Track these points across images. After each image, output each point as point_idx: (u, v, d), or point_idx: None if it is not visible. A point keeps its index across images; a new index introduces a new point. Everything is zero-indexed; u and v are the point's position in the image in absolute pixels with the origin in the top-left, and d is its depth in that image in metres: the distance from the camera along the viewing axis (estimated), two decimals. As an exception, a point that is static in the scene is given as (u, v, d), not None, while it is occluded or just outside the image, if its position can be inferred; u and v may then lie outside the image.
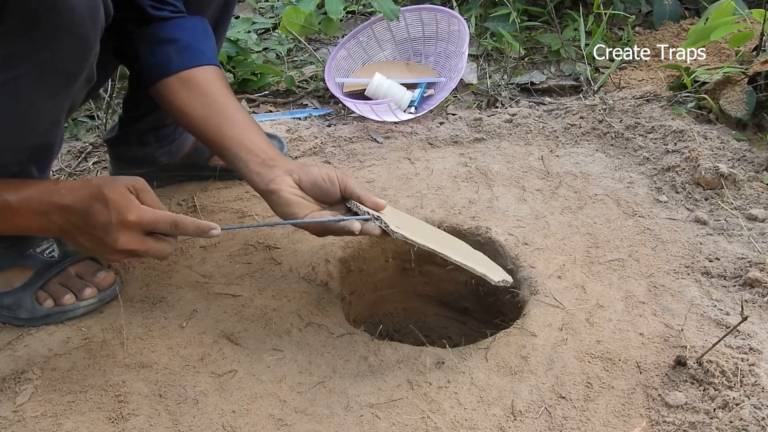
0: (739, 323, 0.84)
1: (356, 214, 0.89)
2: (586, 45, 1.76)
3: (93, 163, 1.40)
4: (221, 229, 0.82)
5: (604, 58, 1.76)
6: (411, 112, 1.55)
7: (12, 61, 0.70)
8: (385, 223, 0.85)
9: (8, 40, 0.68)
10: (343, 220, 0.86)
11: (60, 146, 0.90)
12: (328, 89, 1.62)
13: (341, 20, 1.98)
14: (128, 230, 0.77)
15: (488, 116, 1.53)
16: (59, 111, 0.82)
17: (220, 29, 1.12)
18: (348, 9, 2.12)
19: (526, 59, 1.81)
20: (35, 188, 0.77)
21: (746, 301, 0.98)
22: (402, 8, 1.68)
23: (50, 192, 0.77)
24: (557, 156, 1.38)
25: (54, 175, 1.33)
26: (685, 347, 0.89)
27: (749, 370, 0.84)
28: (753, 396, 0.81)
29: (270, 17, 2.18)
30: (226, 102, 0.95)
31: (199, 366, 0.90)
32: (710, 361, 0.85)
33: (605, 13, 1.78)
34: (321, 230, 0.89)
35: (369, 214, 0.86)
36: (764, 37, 1.54)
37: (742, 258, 1.06)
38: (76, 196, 0.77)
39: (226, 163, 0.94)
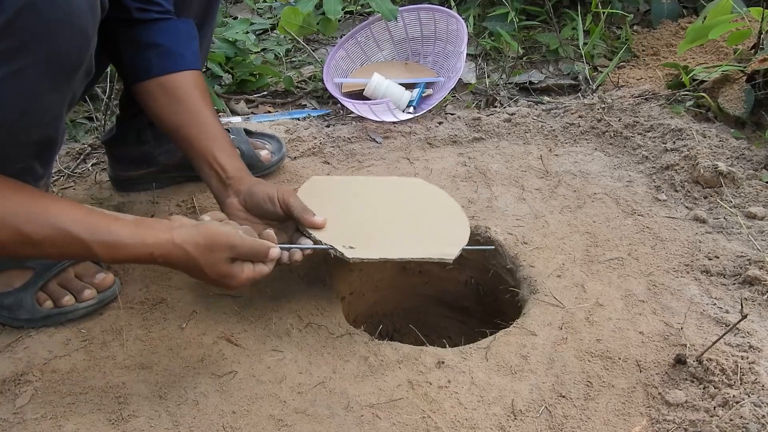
0: (739, 321, 0.84)
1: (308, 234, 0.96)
2: (585, 44, 1.76)
3: (92, 165, 1.39)
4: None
5: (602, 57, 1.77)
6: (410, 112, 1.55)
7: (14, 54, 0.70)
8: (340, 252, 0.92)
9: (9, 33, 0.68)
10: (300, 248, 0.93)
11: (62, 140, 0.90)
12: (326, 89, 1.62)
13: (339, 21, 1.98)
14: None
15: (487, 116, 1.53)
16: (61, 104, 0.82)
17: (204, 28, 1.12)
18: (346, 9, 2.11)
19: (524, 58, 1.81)
20: (130, 256, 0.78)
21: (746, 299, 0.98)
22: (400, 8, 1.68)
23: (147, 260, 0.79)
24: (556, 155, 1.38)
25: (53, 177, 1.33)
26: (685, 345, 0.89)
27: (749, 368, 0.84)
28: (753, 394, 0.81)
29: (268, 18, 2.18)
30: (198, 111, 0.98)
31: (199, 367, 0.90)
32: (710, 360, 0.85)
33: (603, 12, 1.78)
34: None
35: (322, 243, 0.93)
36: (762, 35, 1.54)
37: (742, 256, 1.06)
38: (175, 267, 0.82)
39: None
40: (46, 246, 0.74)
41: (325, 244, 0.93)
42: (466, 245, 0.98)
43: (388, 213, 1.03)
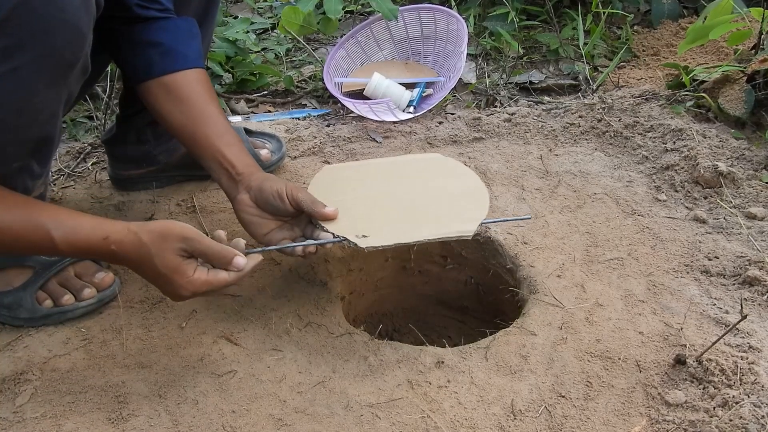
0: (739, 321, 0.84)
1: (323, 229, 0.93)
2: (585, 44, 1.76)
3: (92, 164, 1.39)
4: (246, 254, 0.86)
5: (603, 57, 1.77)
6: (410, 112, 1.55)
7: (11, 52, 0.70)
8: (353, 242, 0.89)
9: (5, 31, 0.68)
10: (312, 244, 0.91)
11: (59, 140, 0.90)
12: (326, 89, 1.62)
13: (340, 20, 1.98)
14: (187, 297, 0.83)
15: (487, 115, 1.53)
16: (57, 102, 0.82)
17: (204, 27, 1.12)
18: (346, 9, 2.11)
19: (524, 58, 1.81)
20: (86, 240, 0.78)
21: (745, 299, 0.98)
22: (400, 8, 1.68)
23: (100, 246, 0.79)
24: (556, 155, 1.38)
25: (53, 176, 1.33)
26: (685, 346, 0.89)
27: (749, 369, 0.84)
28: (753, 394, 0.81)
29: (269, 17, 2.18)
30: (203, 110, 0.97)
31: (198, 366, 0.90)
32: (710, 360, 0.85)
33: (604, 12, 1.78)
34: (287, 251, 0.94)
35: (334, 235, 0.91)
36: (762, 36, 1.54)
37: (742, 256, 1.06)
38: (127, 256, 0.80)
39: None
40: (4, 233, 0.74)
41: (337, 237, 0.90)
42: (501, 219, 1.09)
43: (403, 194, 1.00)
